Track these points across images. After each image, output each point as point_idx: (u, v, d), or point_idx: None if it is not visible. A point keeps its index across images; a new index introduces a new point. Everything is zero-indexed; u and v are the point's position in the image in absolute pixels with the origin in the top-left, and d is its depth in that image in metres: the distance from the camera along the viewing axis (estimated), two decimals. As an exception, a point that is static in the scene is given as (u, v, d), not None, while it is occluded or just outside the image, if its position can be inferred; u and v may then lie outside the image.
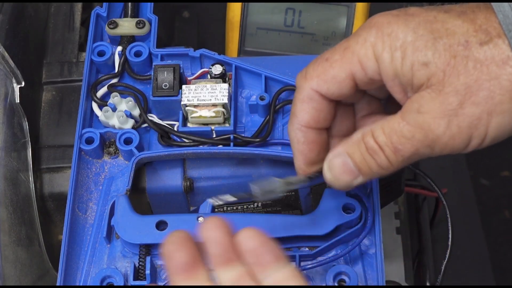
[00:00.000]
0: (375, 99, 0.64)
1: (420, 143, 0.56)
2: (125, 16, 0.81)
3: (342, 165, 0.60)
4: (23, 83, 0.78)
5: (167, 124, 0.76)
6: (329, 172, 0.61)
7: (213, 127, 0.74)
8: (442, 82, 0.55)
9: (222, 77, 0.75)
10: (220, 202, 0.64)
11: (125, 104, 0.76)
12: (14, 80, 0.78)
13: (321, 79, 0.59)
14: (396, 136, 0.57)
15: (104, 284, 0.68)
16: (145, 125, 0.76)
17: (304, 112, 0.61)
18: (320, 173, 0.62)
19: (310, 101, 0.60)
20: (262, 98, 0.75)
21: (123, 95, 0.77)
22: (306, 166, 0.63)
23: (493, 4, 0.55)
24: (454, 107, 0.55)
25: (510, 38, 0.54)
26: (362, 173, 0.60)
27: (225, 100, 0.73)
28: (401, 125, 0.57)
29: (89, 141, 0.75)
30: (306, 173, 0.63)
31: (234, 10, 0.86)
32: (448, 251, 0.72)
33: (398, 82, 0.57)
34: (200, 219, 0.69)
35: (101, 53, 0.79)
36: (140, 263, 0.69)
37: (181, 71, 0.76)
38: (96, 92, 0.78)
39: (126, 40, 0.80)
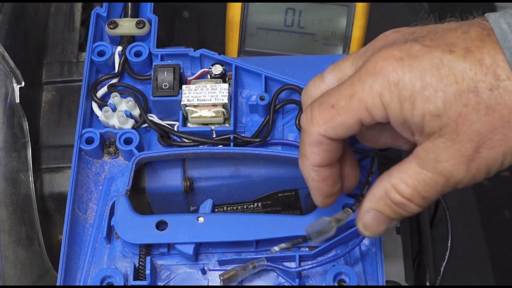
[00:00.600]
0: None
1: (444, 187, 0.57)
2: (125, 16, 0.81)
3: (375, 221, 0.62)
4: (23, 83, 0.79)
5: (167, 124, 0.76)
6: (366, 231, 0.63)
7: (213, 127, 0.74)
8: (455, 131, 0.55)
9: (222, 77, 0.75)
10: (277, 249, 0.66)
11: (125, 104, 0.76)
12: (14, 80, 0.78)
13: (329, 126, 0.59)
14: (421, 186, 0.58)
15: (104, 284, 0.68)
16: (145, 125, 0.76)
17: (315, 155, 0.60)
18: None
19: (319, 145, 0.60)
20: (262, 98, 0.75)
21: (123, 95, 0.77)
22: (325, 199, 0.64)
23: (498, 37, 0.55)
24: (470, 153, 0.55)
25: None
26: (396, 220, 0.62)
27: (225, 100, 0.73)
28: (422, 175, 0.57)
29: (89, 141, 0.75)
30: (327, 205, 0.64)
31: (234, 10, 0.86)
32: (448, 251, 0.72)
33: (407, 127, 0.57)
34: (200, 219, 0.69)
35: (101, 53, 0.79)
36: (140, 263, 0.69)
37: (181, 71, 0.76)
38: (96, 92, 0.78)
39: (126, 40, 0.80)
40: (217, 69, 0.75)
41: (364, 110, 0.57)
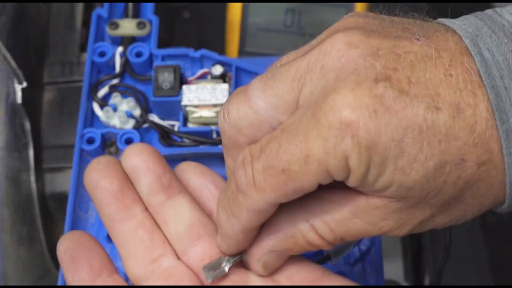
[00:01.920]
0: None
1: (371, 234, 0.48)
2: (126, 17, 0.82)
3: (278, 260, 0.51)
4: (24, 84, 0.79)
5: (167, 124, 0.76)
6: (265, 271, 0.52)
7: (213, 127, 0.74)
8: (422, 201, 0.46)
9: (223, 78, 0.75)
10: None
11: (126, 104, 0.76)
12: (15, 81, 0.78)
13: (279, 194, 0.46)
14: (349, 233, 0.48)
15: (105, 283, 0.69)
16: (146, 125, 0.76)
17: (252, 221, 0.49)
18: None
19: (261, 213, 0.48)
20: (262, 99, 0.75)
21: (124, 95, 0.77)
22: (233, 250, 0.52)
23: (485, 82, 0.44)
24: (426, 217, 0.47)
25: (508, 166, 0.45)
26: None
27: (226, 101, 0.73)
28: (355, 224, 0.47)
29: (90, 141, 0.75)
30: (229, 254, 0.52)
31: (234, 11, 0.86)
32: (447, 252, 0.72)
33: (362, 188, 0.46)
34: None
35: (102, 54, 0.79)
36: (141, 262, 0.69)
37: (182, 71, 0.76)
38: (97, 92, 0.78)
39: (127, 41, 0.80)
40: (217, 70, 0.76)
41: (324, 173, 0.45)
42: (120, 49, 0.79)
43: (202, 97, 0.74)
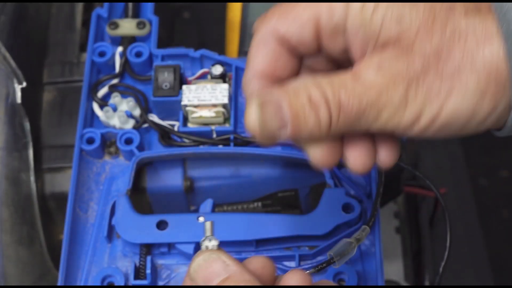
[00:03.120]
0: (330, 62, 0.56)
1: (369, 106, 0.49)
2: (126, 16, 0.82)
3: (275, 109, 0.50)
4: (24, 84, 0.79)
5: (167, 124, 0.76)
6: (257, 110, 0.51)
7: (213, 127, 0.74)
8: (413, 42, 0.48)
9: (222, 78, 0.76)
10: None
11: (126, 104, 0.76)
12: (15, 81, 0.78)
13: (282, 18, 0.51)
14: (345, 91, 0.49)
15: (105, 283, 0.69)
16: (146, 125, 0.76)
17: (260, 57, 0.52)
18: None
19: (265, 45, 0.52)
20: (262, 99, 0.75)
21: (123, 95, 0.77)
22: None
23: None
24: (417, 71, 0.48)
25: (501, 17, 0.48)
26: (293, 126, 0.50)
27: (225, 101, 0.73)
28: (353, 82, 0.49)
29: (90, 141, 0.75)
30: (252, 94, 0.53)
31: (234, 11, 0.87)
32: (447, 251, 0.72)
33: (362, 35, 0.50)
34: (201, 218, 0.70)
35: (102, 54, 0.79)
36: (141, 262, 0.69)
37: (182, 71, 0.76)
38: (97, 92, 0.78)
39: (127, 41, 0.80)
40: (217, 70, 0.76)
41: (325, 4, 0.51)
42: (120, 49, 0.79)
43: (202, 97, 0.74)
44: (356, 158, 0.53)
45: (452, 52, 0.48)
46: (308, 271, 0.66)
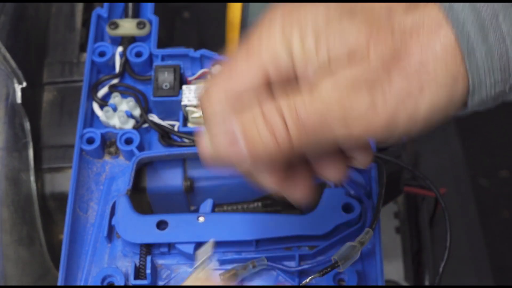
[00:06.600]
0: None
1: (330, 116, 0.47)
2: (126, 16, 0.82)
3: (225, 126, 0.49)
4: (24, 84, 0.79)
5: (167, 124, 0.76)
6: (215, 147, 0.50)
7: (213, 127, 0.74)
8: (367, 50, 0.47)
9: (223, 78, 0.75)
10: (308, 280, 0.66)
11: (126, 104, 0.76)
12: (15, 81, 0.78)
13: (227, 79, 0.52)
14: (301, 102, 0.47)
15: (105, 283, 0.69)
16: (146, 125, 0.76)
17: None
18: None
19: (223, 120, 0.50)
20: (262, 99, 0.75)
21: (123, 95, 0.77)
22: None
23: None
24: (378, 74, 0.47)
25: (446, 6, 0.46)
26: (247, 143, 0.48)
27: (226, 101, 0.73)
28: (309, 94, 0.47)
29: (90, 141, 0.75)
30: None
31: (235, 11, 0.87)
32: (447, 251, 0.72)
33: (312, 70, 0.48)
34: (201, 218, 0.70)
35: (102, 54, 0.79)
36: (141, 262, 0.69)
37: (182, 71, 0.76)
38: (97, 92, 0.78)
39: (127, 41, 0.80)
40: (217, 70, 0.76)
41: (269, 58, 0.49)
42: (120, 49, 0.79)
43: (202, 97, 0.74)
44: (332, 172, 0.52)
45: (409, 49, 0.47)
46: (313, 276, 0.66)
